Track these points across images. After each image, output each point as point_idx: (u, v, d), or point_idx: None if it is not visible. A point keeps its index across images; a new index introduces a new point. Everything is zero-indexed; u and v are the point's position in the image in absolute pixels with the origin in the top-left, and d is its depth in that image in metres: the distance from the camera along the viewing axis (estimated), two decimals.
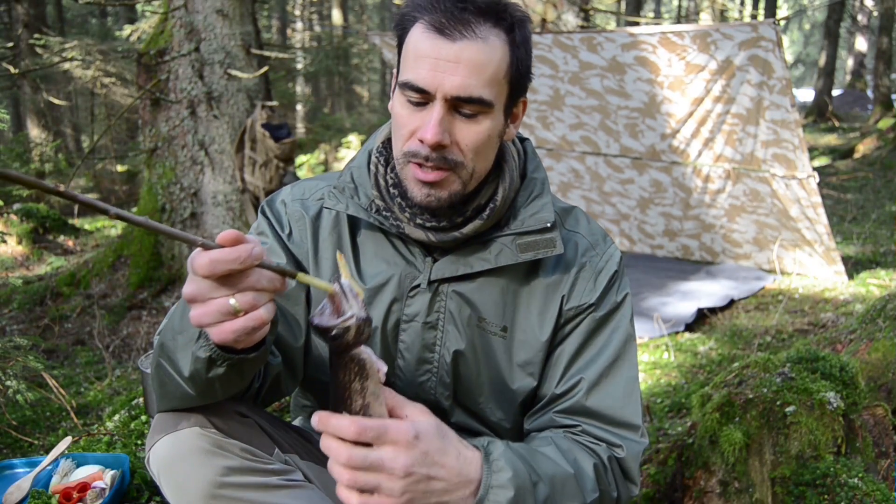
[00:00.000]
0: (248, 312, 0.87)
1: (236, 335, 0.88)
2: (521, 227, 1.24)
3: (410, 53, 1.13)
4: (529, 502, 1.05)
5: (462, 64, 1.09)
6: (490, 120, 1.15)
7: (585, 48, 4.90)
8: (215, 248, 0.84)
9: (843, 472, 1.68)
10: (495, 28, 1.13)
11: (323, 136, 13.92)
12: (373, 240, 1.30)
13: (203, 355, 0.98)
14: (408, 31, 1.15)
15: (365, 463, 0.92)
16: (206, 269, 0.83)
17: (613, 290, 1.30)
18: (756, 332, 3.91)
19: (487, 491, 1.02)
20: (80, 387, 3.47)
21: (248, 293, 0.86)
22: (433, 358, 1.29)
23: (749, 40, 4.31)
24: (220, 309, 0.86)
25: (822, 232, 4.83)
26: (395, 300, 1.27)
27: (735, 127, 4.87)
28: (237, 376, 1.04)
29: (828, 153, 11.89)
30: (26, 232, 6.38)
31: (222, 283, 0.86)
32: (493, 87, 1.13)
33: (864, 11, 19.43)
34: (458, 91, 1.10)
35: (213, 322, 0.87)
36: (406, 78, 1.12)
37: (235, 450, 1.12)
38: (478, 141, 1.15)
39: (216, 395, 1.09)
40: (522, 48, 1.18)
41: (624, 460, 1.23)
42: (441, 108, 1.11)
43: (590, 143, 5.71)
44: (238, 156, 4.88)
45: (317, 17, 21.59)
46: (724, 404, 1.86)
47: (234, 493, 1.09)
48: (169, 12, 4.86)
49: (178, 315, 1.03)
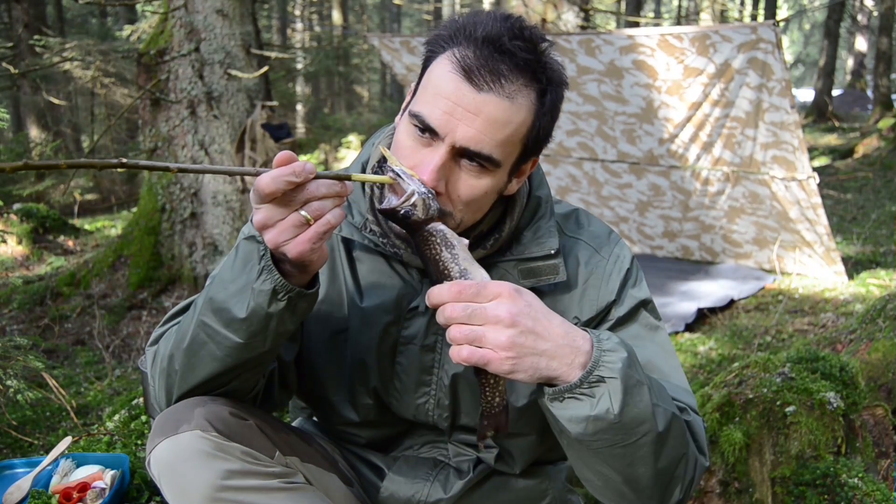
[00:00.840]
0: (317, 219, 0.94)
1: (312, 242, 0.95)
2: (524, 254, 1.21)
3: (431, 86, 1.07)
4: (639, 371, 1.01)
5: (481, 118, 1.03)
6: (492, 178, 1.10)
7: (583, 51, 4.89)
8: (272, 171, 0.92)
9: (843, 472, 1.68)
10: (526, 88, 1.06)
11: (323, 136, 13.91)
12: (370, 258, 1.27)
13: (267, 287, 1.01)
14: (435, 57, 1.09)
15: (467, 312, 0.94)
16: (272, 185, 0.91)
17: (630, 285, 1.26)
18: (756, 332, 3.91)
19: (601, 355, 0.98)
20: (80, 387, 3.47)
21: (315, 202, 0.94)
22: (431, 380, 1.27)
23: (748, 42, 4.30)
24: (293, 223, 0.94)
25: (821, 233, 4.83)
26: (392, 322, 1.25)
27: (734, 130, 4.87)
28: (291, 317, 1.05)
29: (828, 153, 11.89)
30: (26, 232, 6.37)
31: (287, 202, 0.93)
32: (506, 147, 1.07)
33: (864, 11, 19.43)
34: (469, 144, 1.05)
35: (289, 238, 0.95)
36: (419, 111, 1.07)
37: (236, 452, 1.12)
38: (473, 196, 1.09)
39: (265, 343, 1.07)
40: (549, 115, 1.11)
41: (692, 423, 1.16)
42: (445, 154, 1.05)
43: (587, 149, 5.70)
44: (238, 156, 4.89)
45: (317, 17, 21.58)
46: (724, 404, 1.86)
47: (235, 496, 1.09)
48: (169, 12, 4.86)
49: (228, 267, 1.07)
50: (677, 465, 1.06)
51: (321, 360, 1.30)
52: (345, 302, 1.27)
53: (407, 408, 1.30)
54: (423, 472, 1.35)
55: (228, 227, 4.94)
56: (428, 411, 1.29)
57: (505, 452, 1.34)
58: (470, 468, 1.35)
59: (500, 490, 1.37)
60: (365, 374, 1.28)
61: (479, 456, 1.36)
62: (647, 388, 1.00)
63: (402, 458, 1.38)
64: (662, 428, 1.01)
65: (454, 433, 1.34)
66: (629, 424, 0.98)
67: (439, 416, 1.30)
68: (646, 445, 1.01)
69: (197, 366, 1.11)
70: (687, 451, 1.08)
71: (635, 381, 0.99)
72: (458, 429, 1.33)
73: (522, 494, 1.39)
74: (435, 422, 1.30)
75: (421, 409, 1.30)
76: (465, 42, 1.05)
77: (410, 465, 1.36)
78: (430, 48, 1.11)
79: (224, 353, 1.08)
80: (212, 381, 1.13)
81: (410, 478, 1.34)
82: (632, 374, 0.98)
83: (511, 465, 1.36)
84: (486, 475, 1.36)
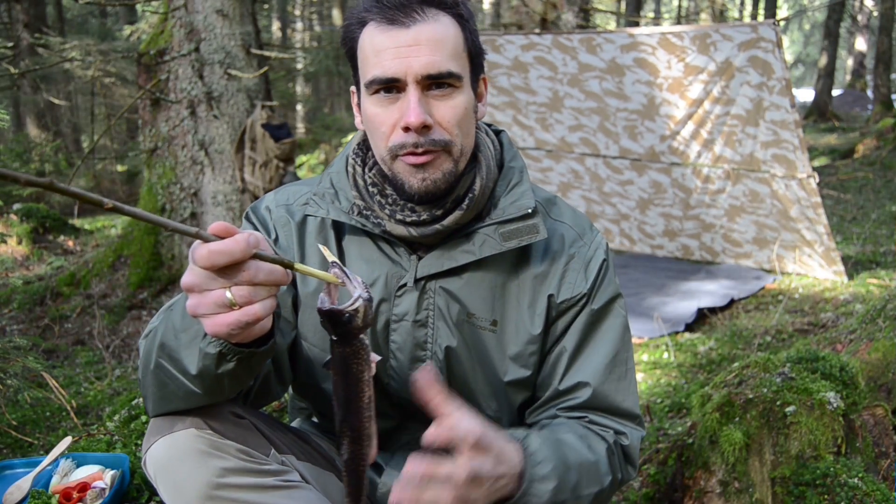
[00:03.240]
0: (242, 306, 0.86)
1: (230, 328, 0.87)
2: (503, 216, 1.23)
3: (368, 52, 1.15)
4: (566, 490, 1.09)
5: (423, 45, 1.12)
6: (462, 94, 1.17)
7: (584, 49, 4.90)
8: (212, 240, 0.84)
9: (843, 472, 1.68)
10: (440, 10, 1.16)
11: (323, 136, 13.92)
12: (357, 243, 1.30)
13: (213, 351, 0.97)
14: (357, 37, 1.18)
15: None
16: (205, 260, 0.83)
17: (605, 280, 1.31)
18: (756, 332, 3.91)
19: (531, 484, 1.05)
20: (80, 387, 3.46)
21: (245, 287, 0.86)
22: (425, 356, 1.29)
23: (749, 41, 4.31)
24: (216, 300, 0.86)
25: (821, 232, 4.83)
26: (382, 301, 1.27)
27: (734, 128, 4.87)
28: (246, 371, 1.03)
29: (828, 153, 11.89)
30: (26, 232, 6.37)
31: (220, 275, 0.85)
32: (457, 60, 1.16)
33: (864, 11, 19.43)
34: (428, 69, 1.12)
35: (209, 313, 0.87)
36: (372, 75, 1.14)
37: (232, 451, 1.12)
38: (457, 115, 1.16)
39: (223, 393, 1.08)
40: (471, 22, 1.21)
41: (628, 447, 1.27)
42: (415, 90, 1.13)
43: (589, 144, 5.71)
44: (238, 156, 4.88)
45: (317, 17, 21.58)
46: (724, 404, 1.86)
47: (231, 494, 1.09)
48: (169, 12, 4.86)
49: (179, 313, 1.02)
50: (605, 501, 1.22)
51: (315, 349, 1.31)
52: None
53: (404, 386, 1.30)
54: None
55: None
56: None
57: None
58: None
59: None
60: None
61: None
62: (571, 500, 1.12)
63: (400, 452, 1.38)
64: None
65: None
66: None
67: None
68: None
69: (167, 398, 1.11)
70: (614, 488, 1.23)
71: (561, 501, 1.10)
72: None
73: None
74: None
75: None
76: (374, 6, 1.15)
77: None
78: (348, 38, 1.20)
79: (187, 395, 1.07)
80: (190, 408, 1.13)
81: None
82: (559, 495, 1.09)
83: None
84: None
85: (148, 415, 2.46)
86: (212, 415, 1.13)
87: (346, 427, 0.95)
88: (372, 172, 1.26)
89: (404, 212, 1.22)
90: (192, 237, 0.84)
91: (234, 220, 4.95)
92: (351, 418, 0.94)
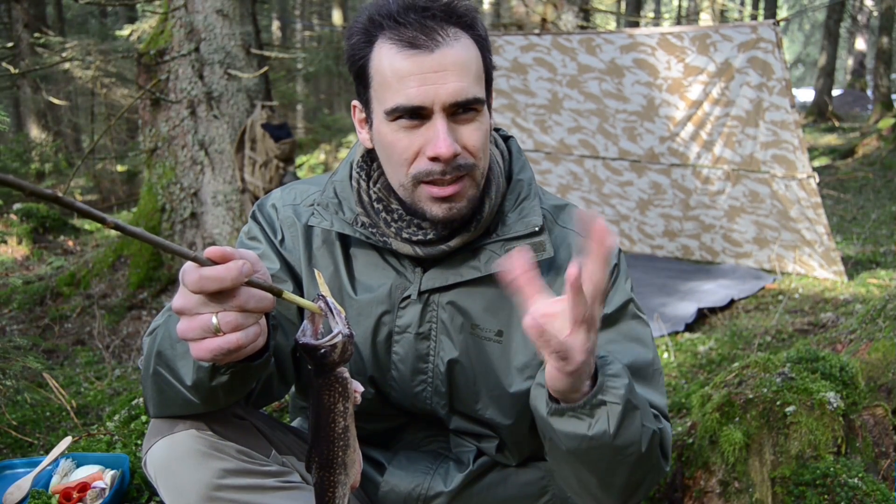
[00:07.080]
0: (227, 333, 0.86)
1: (212, 354, 0.87)
2: (510, 233, 1.22)
3: (389, 77, 1.10)
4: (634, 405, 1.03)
5: (449, 70, 1.09)
6: (484, 117, 1.16)
7: (584, 50, 4.90)
8: (207, 265, 0.83)
9: (843, 472, 1.68)
10: (459, 28, 1.13)
11: (323, 136, 13.92)
12: (364, 251, 1.29)
13: (206, 364, 0.97)
14: (369, 55, 1.13)
15: None
16: (195, 285, 0.83)
17: (615, 286, 1.27)
18: (756, 332, 3.91)
19: (605, 380, 0.99)
20: (80, 387, 3.46)
21: (232, 313, 0.85)
22: (427, 368, 1.28)
23: (748, 42, 4.31)
24: (202, 325, 0.85)
25: (821, 232, 4.83)
26: (386, 312, 1.26)
27: (734, 129, 4.87)
28: (241, 384, 1.03)
29: (828, 153, 11.89)
30: (26, 232, 6.38)
31: (210, 300, 0.85)
32: (479, 83, 1.14)
33: (864, 11, 19.43)
34: (455, 97, 1.09)
35: (196, 338, 0.87)
36: (395, 103, 1.10)
37: (232, 452, 1.12)
38: (481, 139, 1.15)
39: (219, 403, 1.09)
40: (485, 40, 1.19)
41: (664, 439, 1.20)
42: (443, 119, 1.10)
43: (588, 146, 5.71)
44: (238, 156, 4.89)
45: (317, 17, 21.58)
46: (724, 404, 1.86)
47: (231, 496, 1.09)
48: (169, 12, 4.86)
49: (176, 323, 1.03)
50: (647, 475, 1.12)
51: None
52: (342, 296, 1.28)
53: (405, 396, 1.30)
54: (424, 466, 1.35)
55: (228, 227, 4.94)
56: (426, 399, 1.30)
57: (500, 441, 1.35)
58: (470, 460, 1.36)
59: (499, 485, 1.37)
60: (362, 365, 1.29)
61: (480, 447, 1.36)
62: (639, 413, 1.03)
63: (403, 452, 1.38)
64: (645, 448, 1.05)
65: (453, 419, 1.33)
66: (620, 446, 1.02)
67: (437, 403, 1.30)
68: (629, 462, 1.05)
69: (165, 403, 1.11)
70: (658, 463, 1.14)
71: (632, 407, 1.02)
72: (456, 414, 1.33)
73: (522, 490, 1.39)
74: (433, 409, 1.31)
75: (419, 398, 1.30)
76: (387, 22, 1.10)
77: (411, 459, 1.36)
78: (359, 54, 1.14)
79: (184, 403, 1.07)
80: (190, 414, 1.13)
81: (410, 471, 1.34)
82: (630, 399, 1.01)
83: (507, 455, 1.36)
84: (487, 469, 1.37)
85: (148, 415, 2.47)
86: (212, 416, 1.13)
87: (314, 453, 0.95)
88: (377, 187, 1.25)
89: (410, 228, 1.20)
90: (190, 261, 0.83)
91: (234, 220, 4.94)
92: (320, 446, 0.94)
